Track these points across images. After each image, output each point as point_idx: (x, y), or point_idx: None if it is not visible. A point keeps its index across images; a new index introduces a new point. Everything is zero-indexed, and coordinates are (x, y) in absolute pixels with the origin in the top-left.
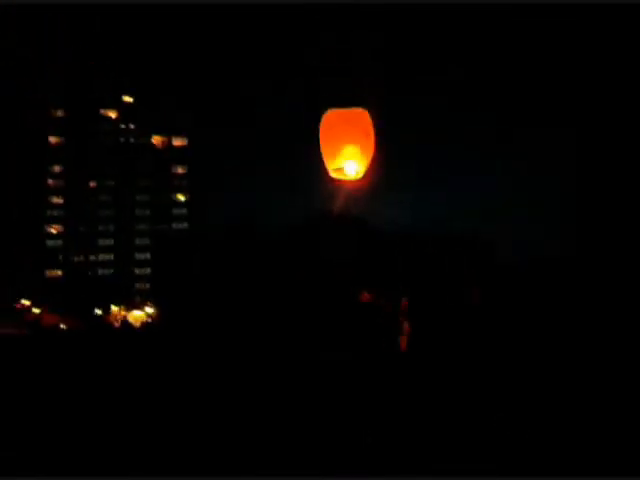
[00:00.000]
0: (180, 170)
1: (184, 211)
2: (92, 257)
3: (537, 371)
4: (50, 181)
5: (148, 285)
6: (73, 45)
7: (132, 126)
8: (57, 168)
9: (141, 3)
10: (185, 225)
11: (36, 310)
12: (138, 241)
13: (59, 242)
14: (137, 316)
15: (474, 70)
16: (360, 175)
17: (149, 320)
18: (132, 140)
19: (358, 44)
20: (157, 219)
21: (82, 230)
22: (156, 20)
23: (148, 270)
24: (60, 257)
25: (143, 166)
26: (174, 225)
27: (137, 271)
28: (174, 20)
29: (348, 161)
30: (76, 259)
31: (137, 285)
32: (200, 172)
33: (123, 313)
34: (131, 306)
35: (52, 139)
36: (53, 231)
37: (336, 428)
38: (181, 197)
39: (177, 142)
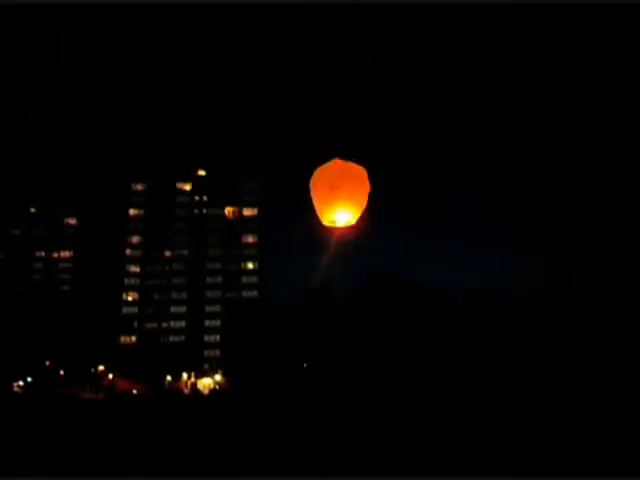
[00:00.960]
0: (250, 239)
1: (254, 279)
2: (164, 324)
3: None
4: (128, 251)
5: (217, 352)
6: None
7: (205, 198)
8: (135, 239)
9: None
10: (255, 293)
11: (110, 376)
12: (208, 308)
13: (134, 309)
14: (206, 383)
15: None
16: (353, 222)
17: (217, 387)
18: (205, 211)
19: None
20: (228, 287)
21: (156, 298)
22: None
23: (217, 337)
24: (134, 324)
25: (215, 236)
26: (244, 293)
27: (206, 338)
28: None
29: (338, 213)
30: (149, 326)
31: (206, 352)
32: (271, 241)
33: (193, 380)
34: (201, 373)
35: (131, 211)
36: (129, 299)
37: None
38: (251, 265)
39: (247, 212)
